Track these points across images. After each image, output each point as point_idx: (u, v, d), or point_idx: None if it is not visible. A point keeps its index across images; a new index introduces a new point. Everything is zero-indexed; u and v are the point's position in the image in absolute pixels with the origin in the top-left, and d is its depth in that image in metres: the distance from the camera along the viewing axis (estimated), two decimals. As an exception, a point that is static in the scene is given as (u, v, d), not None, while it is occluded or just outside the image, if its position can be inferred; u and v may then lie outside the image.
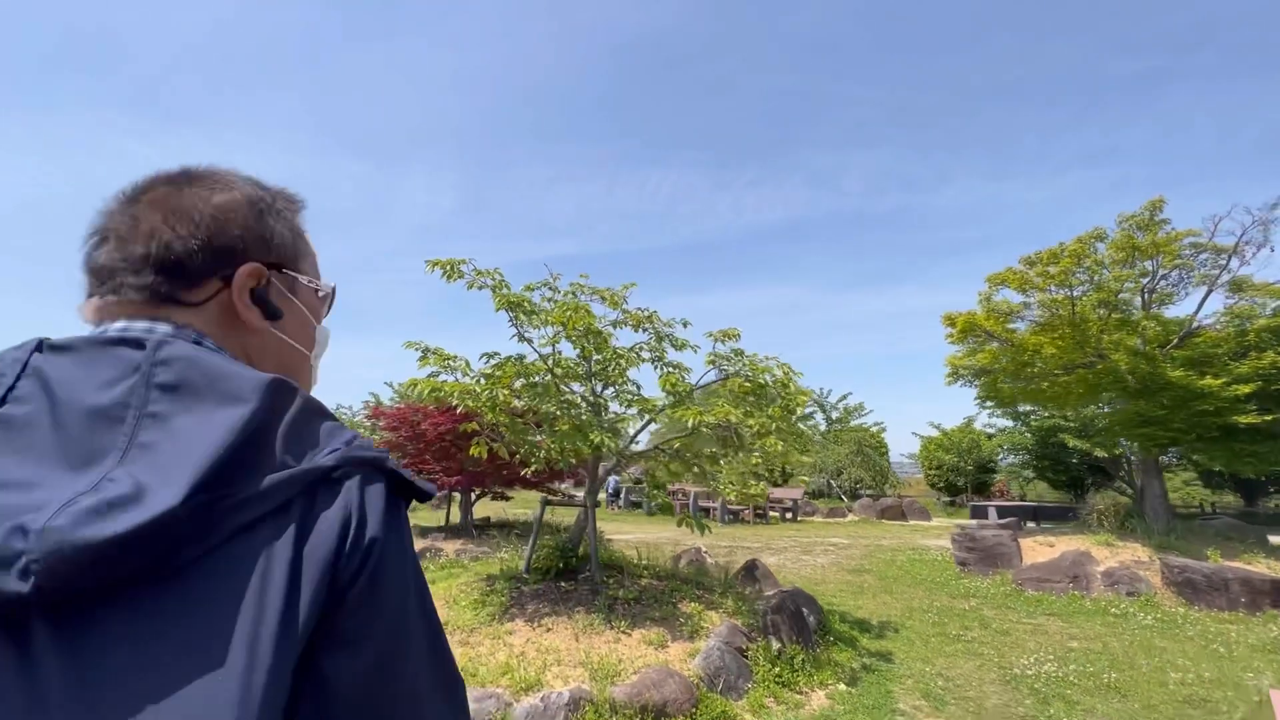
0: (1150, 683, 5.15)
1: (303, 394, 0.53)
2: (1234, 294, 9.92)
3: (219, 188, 0.64)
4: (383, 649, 0.46)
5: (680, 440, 6.41)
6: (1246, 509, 23.88)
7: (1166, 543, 8.86)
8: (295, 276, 0.69)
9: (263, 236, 0.65)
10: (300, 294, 0.70)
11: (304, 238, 0.72)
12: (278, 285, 0.66)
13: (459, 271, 5.67)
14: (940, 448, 28.13)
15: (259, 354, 0.65)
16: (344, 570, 0.45)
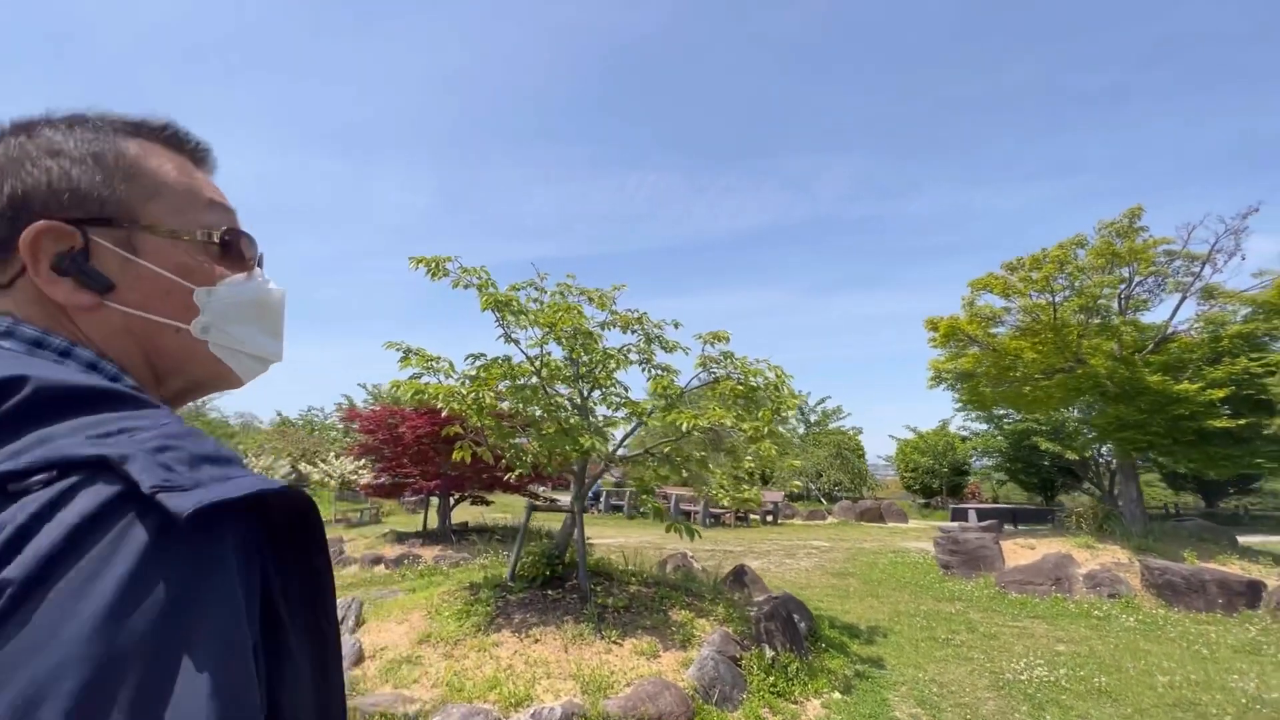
0: (1139, 686, 5.17)
1: (41, 380, 0.41)
2: (1206, 301, 10.15)
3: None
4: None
5: (670, 444, 6.29)
6: (1206, 510, 24.62)
7: (1145, 545, 9.01)
8: (128, 230, 0.54)
9: (50, 185, 0.51)
10: (150, 251, 0.55)
11: (147, 172, 0.56)
12: (103, 245, 0.52)
13: (444, 269, 5.48)
14: (916, 450, 28.51)
15: (105, 337, 0.53)
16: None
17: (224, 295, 0.59)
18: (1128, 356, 9.46)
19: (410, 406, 11.65)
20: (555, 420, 5.86)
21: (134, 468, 0.37)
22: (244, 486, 0.39)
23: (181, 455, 0.40)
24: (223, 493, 0.38)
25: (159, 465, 0.38)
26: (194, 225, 0.58)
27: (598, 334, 5.91)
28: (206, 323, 0.57)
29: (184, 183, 0.59)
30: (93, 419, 0.41)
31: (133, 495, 0.36)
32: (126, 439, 0.39)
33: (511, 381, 6.01)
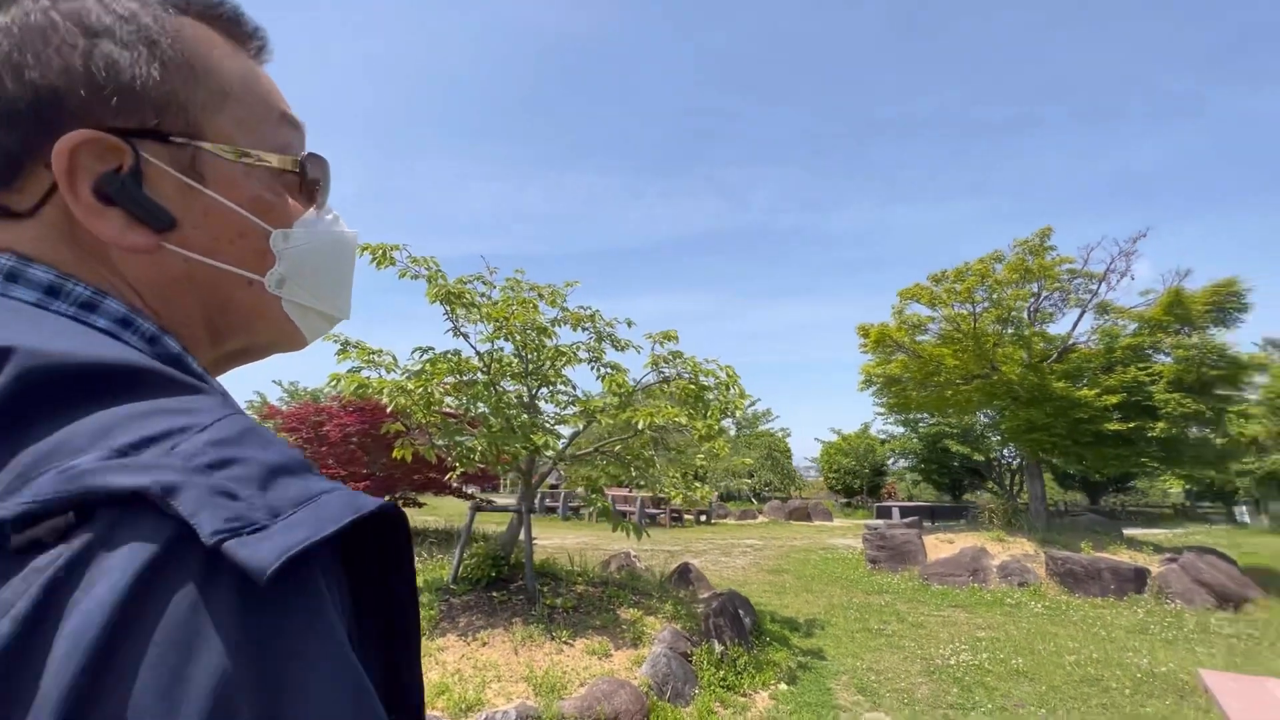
0: (1051, 665, 5.61)
1: (35, 356, 0.30)
2: (1101, 315, 11.20)
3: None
4: None
5: (621, 443, 6.27)
6: (1091, 506, 27.12)
7: (1048, 537, 9.81)
8: (196, 145, 0.42)
9: (90, 78, 0.38)
10: (218, 178, 0.43)
11: (213, 70, 0.43)
12: (160, 167, 0.40)
13: (390, 258, 5.23)
14: (840, 452, 29.87)
15: (159, 290, 0.42)
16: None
17: (301, 239, 0.48)
18: (1036, 365, 10.30)
19: (339, 404, 11.06)
20: (503, 417, 5.72)
21: (185, 504, 0.26)
22: (337, 514, 0.30)
23: (247, 471, 0.29)
24: (315, 530, 0.28)
25: (220, 495, 0.27)
26: (269, 145, 0.47)
27: (551, 330, 5.81)
28: (283, 274, 0.47)
29: (254, 86, 0.46)
30: (114, 416, 0.30)
31: (189, 544, 0.26)
32: (167, 453, 0.28)
33: (459, 377, 5.82)
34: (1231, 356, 9.80)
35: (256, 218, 0.45)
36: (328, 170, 0.51)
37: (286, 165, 0.47)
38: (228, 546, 0.26)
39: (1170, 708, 4.55)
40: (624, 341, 6.37)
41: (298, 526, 0.28)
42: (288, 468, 0.31)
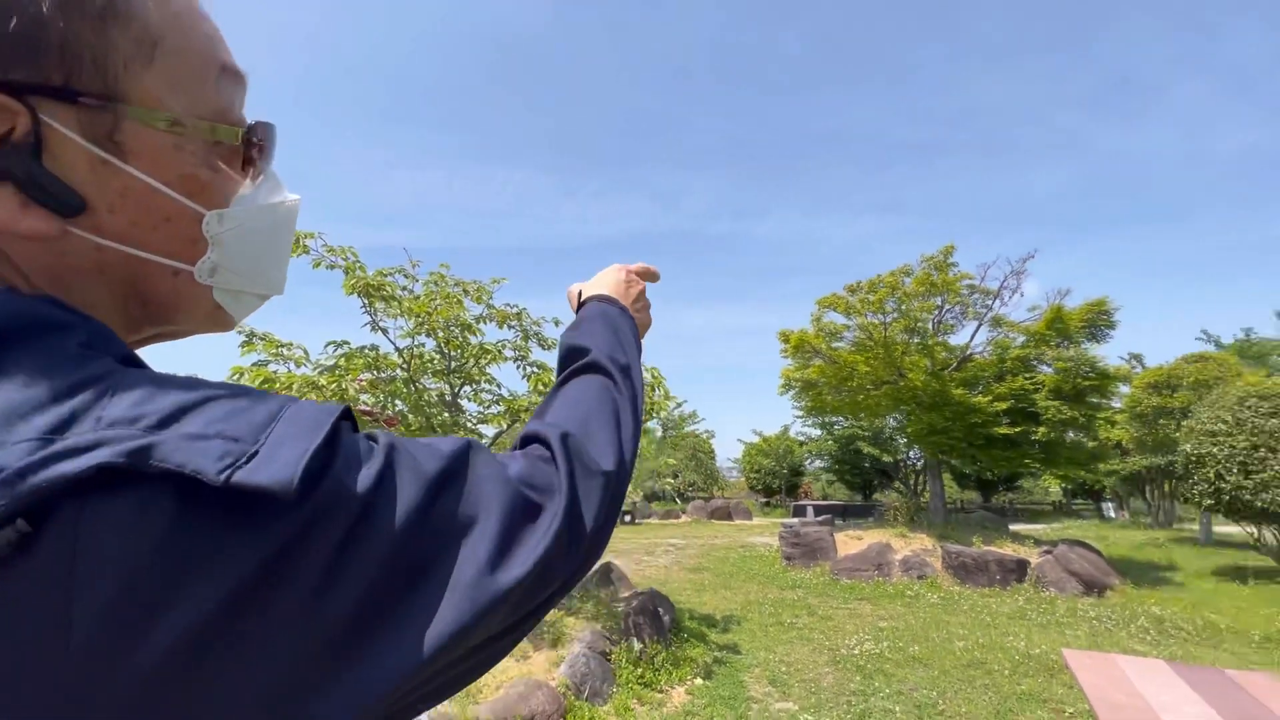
0: (942, 651, 6.05)
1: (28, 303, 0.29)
2: (995, 329, 12.20)
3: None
4: None
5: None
6: (984, 504, 29.41)
7: (945, 533, 10.57)
8: (115, 109, 0.35)
9: (21, 31, 0.31)
10: (141, 149, 0.36)
11: (136, 12, 0.35)
12: (65, 135, 0.33)
13: (304, 246, 4.96)
14: (761, 453, 30.91)
15: (60, 279, 0.35)
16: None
17: (238, 220, 0.41)
18: (938, 373, 11.09)
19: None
20: (423, 415, 5.56)
21: (170, 458, 0.26)
22: (316, 418, 0.31)
23: (197, 414, 0.29)
24: (310, 437, 0.30)
25: (193, 440, 0.27)
26: (208, 109, 0.39)
27: (476, 327, 5.70)
28: (215, 262, 0.41)
29: (192, 31, 0.38)
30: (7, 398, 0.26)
31: (195, 491, 0.26)
32: (99, 423, 0.27)
33: (376, 373, 5.59)
34: (1101, 369, 10.95)
35: (188, 199, 0.38)
36: (273, 136, 0.45)
37: (229, 137, 0.40)
38: (238, 478, 0.26)
39: (1041, 685, 5.03)
40: (552, 340, 6.34)
41: (287, 440, 0.29)
42: (221, 396, 0.31)
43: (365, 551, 0.30)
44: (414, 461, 0.34)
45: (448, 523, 0.34)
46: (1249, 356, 22.05)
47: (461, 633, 0.32)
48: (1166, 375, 13.87)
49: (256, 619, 0.26)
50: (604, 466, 0.46)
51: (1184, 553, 12.61)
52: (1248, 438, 9.10)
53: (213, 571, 0.26)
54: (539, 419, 0.51)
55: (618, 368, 0.57)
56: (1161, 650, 6.14)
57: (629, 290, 0.74)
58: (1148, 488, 18.21)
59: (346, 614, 0.29)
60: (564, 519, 0.39)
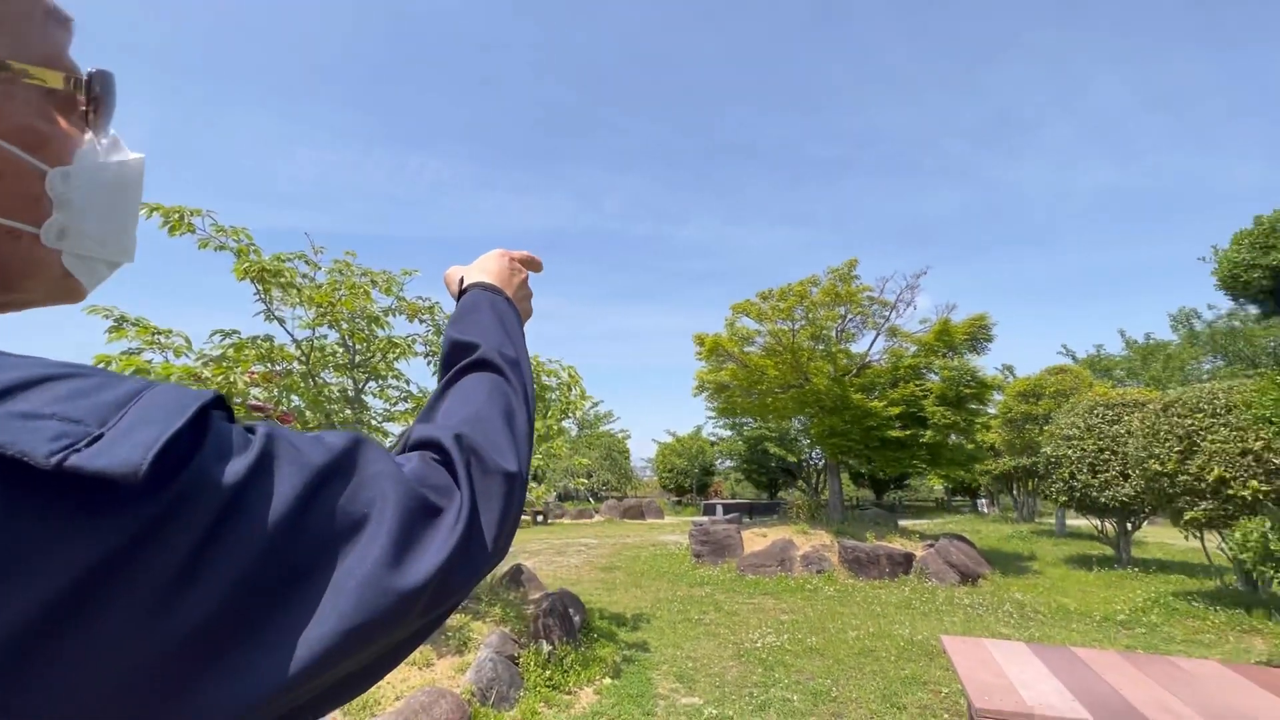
0: (837, 641, 6.43)
1: None
2: (890, 338, 13.11)
3: None
4: None
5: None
6: (876, 501, 31.55)
7: (842, 529, 11.24)
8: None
9: None
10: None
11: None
12: None
13: (188, 224, 4.51)
14: (674, 453, 31.53)
15: None
16: None
17: (85, 178, 0.39)
18: (840, 378, 11.77)
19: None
20: (323, 412, 5.22)
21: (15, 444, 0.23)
22: (175, 403, 0.28)
23: (32, 391, 0.26)
24: (165, 424, 0.27)
25: (21, 419, 0.24)
26: (35, 55, 0.36)
27: (384, 320, 5.42)
28: (64, 224, 0.38)
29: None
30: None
31: (17, 476, 0.23)
32: None
33: (270, 366, 5.19)
34: (980, 378, 12.04)
35: (26, 154, 0.36)
36: (113, 85, 0.41)
37: (63, 84, 0.37)
38: (74, 462, 0.23)
39: (922, 668, 5.47)
40: (465, 337, 6.14)
41: (140, 425, 0.26)
42: (68, 375, 0.28)
43: (232, 550, 0.27)
44: (296, 454, 0.32)
45: (334, 520, 0.32)
46: (1099, 370, 25.08)
47: (346, 641, 0.30)
48: (1033, 385, 15.47)
49: (92, 623, 0.23)
50: (504, 467, 0.44)
51: (1042, 544, 14.13)
52: (1095, 441, 10.33)
53: (34, 570, 0.23)
54: (427, 421, 0.49)
55: (508, 362, 0.56)
56: (1023, 632, 6.84)
57: (513, 278, 0.71)
58: (1015, 486, 20.24)
59: (206, 619, 0.26)
60: (467, 521, 0.38)
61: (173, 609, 0.25)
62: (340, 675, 0.32)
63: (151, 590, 0.25)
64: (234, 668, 0.27)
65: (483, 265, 0.71)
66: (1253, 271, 4.95)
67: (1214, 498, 7.51)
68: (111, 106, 0.41)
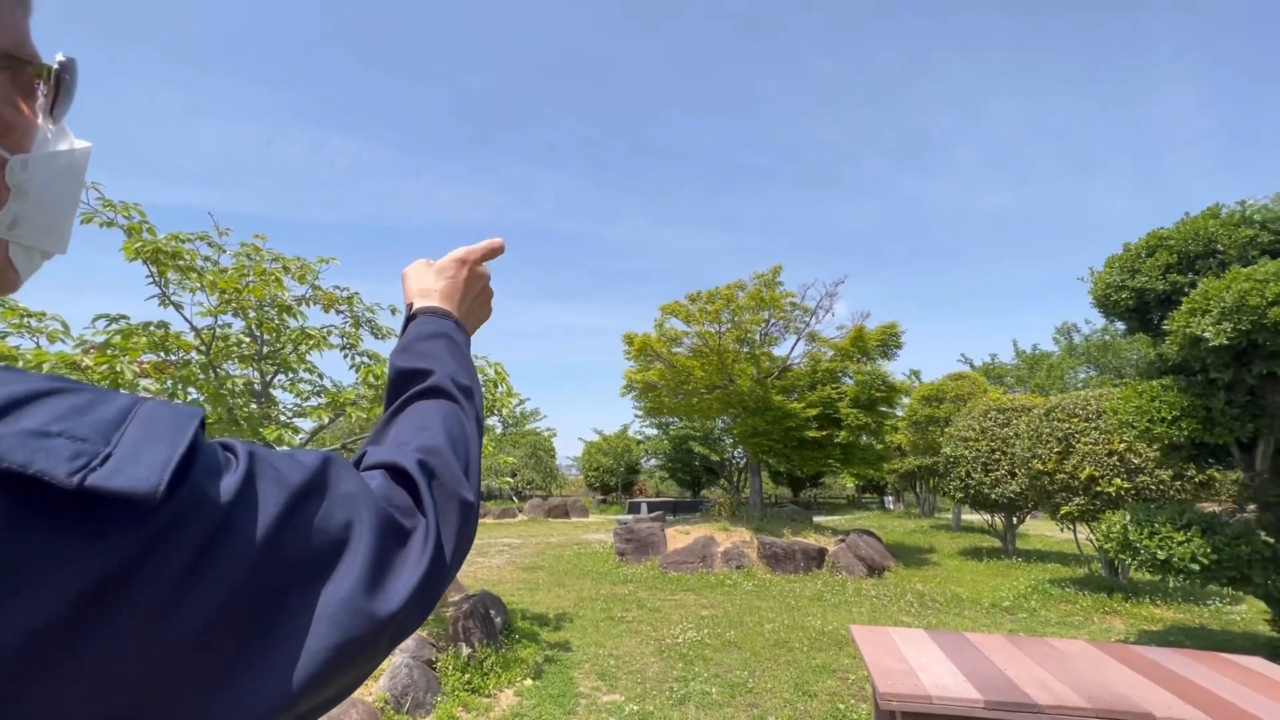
0: (754, 634, 6.66)
1: None
2: (810, 343, 13.70)
3: None
4: None
5: (374, 439, 5.77)
6: (794, 499, 32.87)
7: (761, 525, 11.64)
8: None
9: None
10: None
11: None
12: None
13: (69, 197, 4.06)
14: (600, 451, 31.51)
15: None
16: None
17: (40, 165, 0.38)
18: (762, 380, 12.19)
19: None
20: (225, 406, 4.85)
21: (8, 455, 0.23)
22: (176, 419, 0.29)
23: (32, 407, 0.26)
24: (173, 441, 0.28)
25: (33, 437, 0.25)
26: (7, 40, 0.36)
27: (297, 310, 5.11)
28: (17, 214, 0.37)
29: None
30: None
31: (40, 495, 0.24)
32: None
33: (163, 355, 4.77)
34: (890, 382, 12.80)
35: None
36: (76, 73, 0.40)
37: (35, 72, 0.37)
38: (94, 481, 0.24)
39: (832, 657, 5.77)
40: (386, 329, 5.90)
41: (146, 443, 0.27)
42: (55, 390, 0.28)
43: (224, 567, 0.28)
44: (276, 473, 0.33)
45: (311, 541, 0.32)
46: (993, 376, 27.26)
47: (328, 666, 0.30)
48: (935, 389, 16.62)
49: (94, 637, 0.24)
50: (463, 494, 0.45)
51: (940, 537, 15.23)
52: (988, 443, 11.24)
53: (44, 583, 0.23)
54: (380, 442, 0.49)
55: (461, 390, 0.56)
56: (922, 620, 7.34)
57: (467, 291, 0.68)
58: (918, 483, 21.68)
59: (196, 635, 0.26)
60: (434, 547, 0.39)
61: (169, 623, 0.26)
62: (318, 700, 0.32)
63: (152, 603, 0.25)
64: (220, 689, 0.27)
65: (429, 280, 0.67)
66: (1121, 292, 5.54)
67: (1085, 494, 8.37)
68: (73, 95, 0.40)
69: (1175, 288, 5.12)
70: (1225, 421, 4.80)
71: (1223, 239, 4.91)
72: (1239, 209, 4.97)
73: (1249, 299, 4.13)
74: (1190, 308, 4.57)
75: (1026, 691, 2.58)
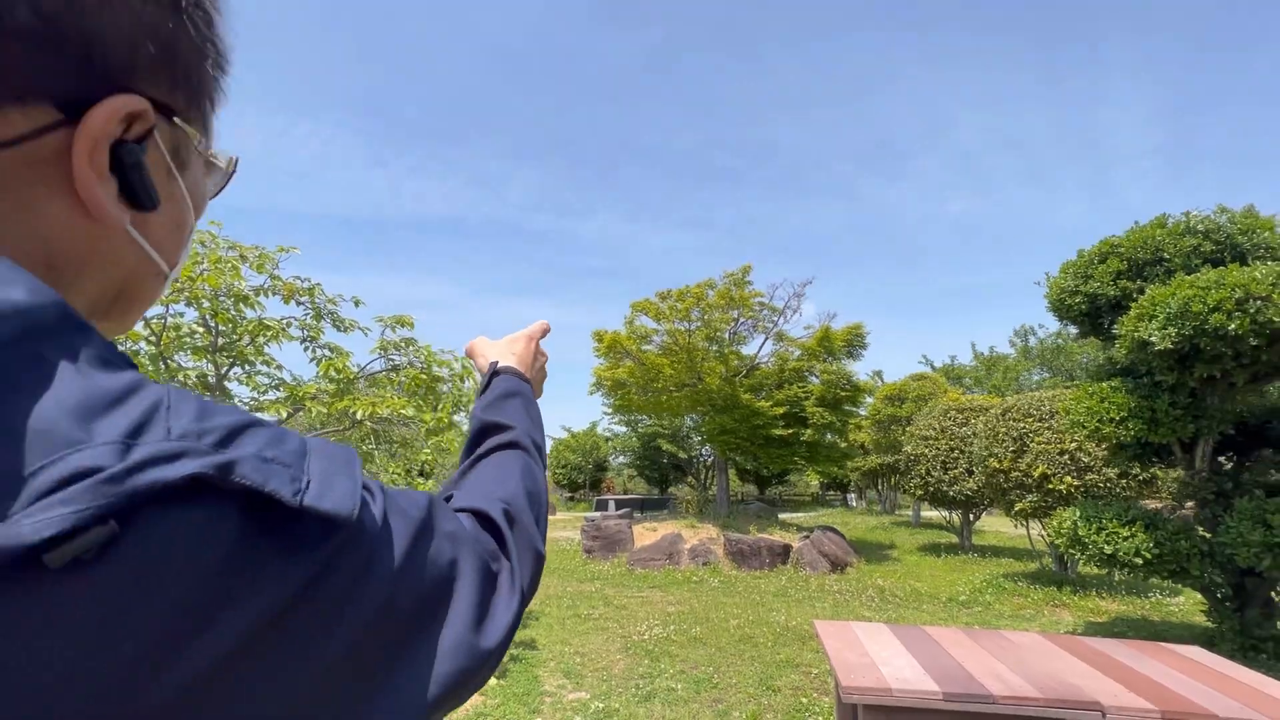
0: (720, 630, 6.72)
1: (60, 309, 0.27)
2: (778, 342, 13.88)
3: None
4: None
5: (337, 435, 5.62)
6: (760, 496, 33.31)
7: (728, 522, 11.75)
8: (190, 133, 0.38)
9: (132, 36, 0.32)
10: (190, 164, 0.40)
11: (212, 38, 0.38)
12: (163, 146, 0.36)
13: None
14: (568, 449, 31.39)
15: (76, 262, 0.34)
16: None
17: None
18: (731, 378, 12.30)
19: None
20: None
21: (251, 477, 0.27)
22: (342, 456, 0.33)
23: (252, 436, 0.30)
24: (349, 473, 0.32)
25: (265, 462, 0.28)
26: (211, 143, 0.42)
27: (255, 300, 4.93)
28: (169, 272, 0.42)
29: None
30: (79, 390, 0.25)
31: (269, 510, 0.27)
32: (169, 435, 0.26)
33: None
34: (855, 382, 13.08)
35: (193, 209, 0.41)
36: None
37: (228, 167, 0.45)
38: (308, 501, 0.28)
39: (796, 652, 5.85)
40: (349, 322, 5.73)
41: (333, 473, 0.31)
42: (255, 423, 0.31)
43: (371, 591, 0.31)
44: (401, 509, 0.36)
45: (429, 573, 0.36)
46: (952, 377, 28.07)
47: (451, 689, 0.34)
48: (898, 389, 17.02)
49: (278, 645, 0.27)
50: (536, 545, 0.49)
51: (901, 533, 15.62)
52: (947, 441, 11.57)
53: (261, 589, 0.26)
54: (465, 487, 0.54)
55: (536, 448, 0.62)
56: (883, 614, 7.52)
57: (535, 362, 0.79)
58: (880, 481, 22.18)
59: (346, 652, 0.30)
60: (520, 590, 0.43)
61: (329, 639, 0.29)
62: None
63: (319, 618, 0.29)
64: (362, 704, 0.30)
65: (510, 348, 0.77)
66: (1075, 297, 5.77)
67: (1038, 491, 8.69)
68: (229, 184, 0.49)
69: (1125, 293, 5.34)
70: (1168, 422, 5.03)
71: (1169, 247, 5.15)
72: (1184, 219, 5.21)
73: (1192, 305, 4.34)
74: (1138, 313, 4.78)
75: (982, 683, 2.66)
